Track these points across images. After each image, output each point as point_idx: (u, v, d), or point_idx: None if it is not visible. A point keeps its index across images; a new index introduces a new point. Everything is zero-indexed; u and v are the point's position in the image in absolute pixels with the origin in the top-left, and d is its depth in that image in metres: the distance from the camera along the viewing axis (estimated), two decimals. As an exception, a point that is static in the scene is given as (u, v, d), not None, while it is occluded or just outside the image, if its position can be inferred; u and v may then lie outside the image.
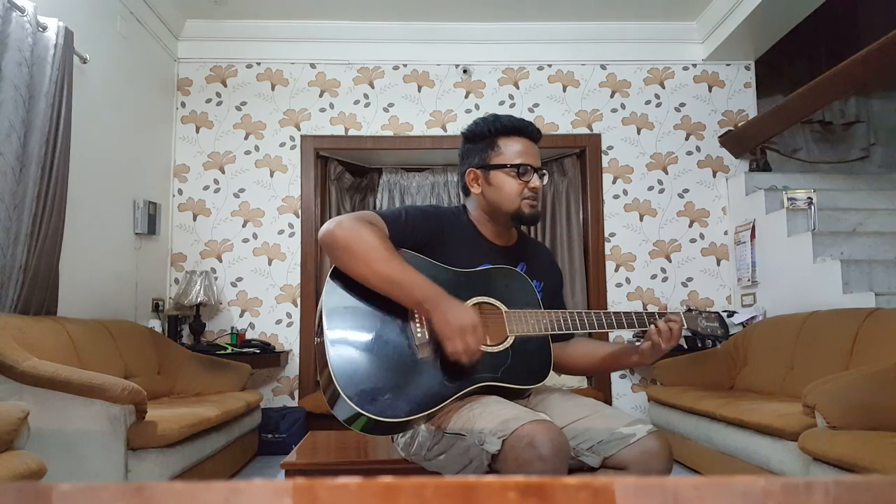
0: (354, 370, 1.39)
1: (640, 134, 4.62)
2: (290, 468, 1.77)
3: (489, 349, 1.50)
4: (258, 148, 4.52)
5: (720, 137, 4.59)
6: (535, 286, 1.66)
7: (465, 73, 4.59)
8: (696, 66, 4.66)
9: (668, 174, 4.59)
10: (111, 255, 3.70)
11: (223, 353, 3.94)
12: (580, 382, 4.39)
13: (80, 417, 2.29)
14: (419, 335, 1.46)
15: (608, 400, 4.36)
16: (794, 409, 2.50)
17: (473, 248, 1.65)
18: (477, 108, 4.59)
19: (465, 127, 1.72)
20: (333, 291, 1.48)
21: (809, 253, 3.63)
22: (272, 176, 4.51)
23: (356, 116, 4.56)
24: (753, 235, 4.21)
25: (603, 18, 4.50)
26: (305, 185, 4.51)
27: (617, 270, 4.52)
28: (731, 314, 4.17)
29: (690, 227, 4.56)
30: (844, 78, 3.53)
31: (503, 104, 4.60)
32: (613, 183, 4.58)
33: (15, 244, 2.71)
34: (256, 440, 3.85)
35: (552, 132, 4.55)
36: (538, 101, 4.62)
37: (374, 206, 5.37)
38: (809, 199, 3.91)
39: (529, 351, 1.56)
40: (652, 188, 4.58)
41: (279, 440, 3.91)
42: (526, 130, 1.66)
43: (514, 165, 1.61)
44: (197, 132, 4.52)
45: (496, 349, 1.51)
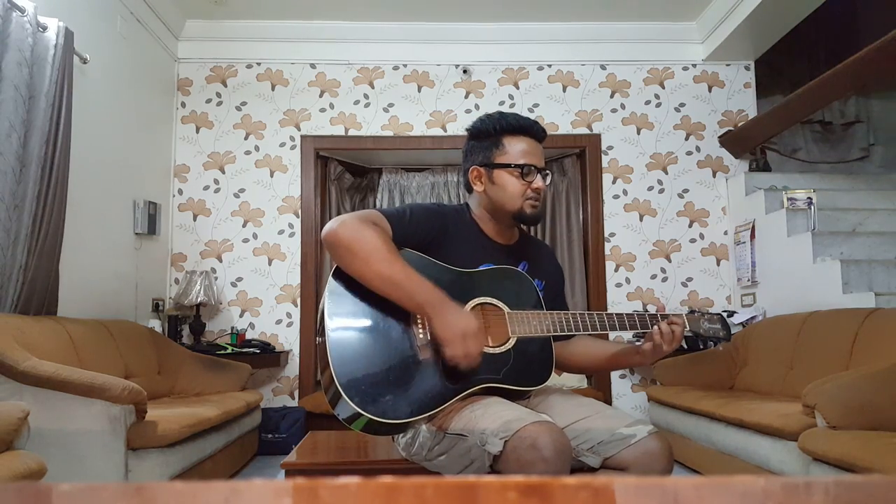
0: (356, 370, 1.39)
1: (639, 134, 4.62)
2: (290, 468, 1.77)
3: (491, 350, 1.50)
4: (258, 148, 4.52)
5: (720, 137, 4.59)
6: (536, 285, 1.66)
7: (465, 73, 4.59)
8: (695, 66, 4.66)
9: (667, 174, 4.59)
10: (111, 255, 3.70)
11: (223, 353, 3.94)
12: (580, 382, 4.39)
13: (80, 417, 2.29)
14: (421, 336, 1.46)
15: (608, 400, 4.36)
16: (794, 409, 2.50)
17: (476, 246, 1.65)
18: (477, 108, 4.59)
19: (470, 123, 1.70)
20: (335, 291, 1.47)
21: (809, 253, 3.63)
22: (272, 176, 4.51)
23: (356, 116, 4.56)
24: (753, 235, 4.20)
25: (603, 18, 4.50)
26: (305, 185, 4.52)
27: (617, 270, 4.52)
28: (731, 314, 4.18)
29: (690, 227, 4.56)
30: (844, 78, 3.52)
31: (503, 104, 4.60)
32: (613, 183, 4.58)
33: (15, 244, 2.71)
34: (256, 440, 3.85)
35: (552, 132, 4.53)
36: (538, 101, 4.62)
37: (374, 206, 5.37)
38: (809, 199, 3.91)
39: (531, 352, 1.56)
40: (652, 188, 4.58)
41: (279, 440, 3.91)
42: (531, 130, 1.65)
43: (518, 165, 1.61)
44: (197, 132, 4.52)
45: (498, 350, 1.51)
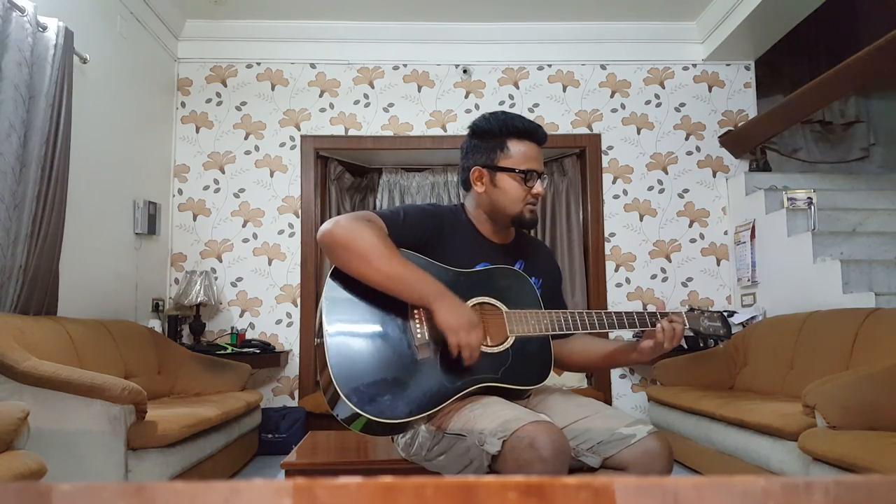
0: (354, 370, 1.39)
1: (640, 134, 4.62)
2: (290, 468, 1.77)
3: (489, 349, 1.50)
4: (258, 148, 4.52)
5: (720, 137, 4.59)
6: (533, 283, 1.66)
7: (465, 73, 4.59)
8: (696, 66, 4.66)
9: (668, 174, 4.59)
10: (111, 255, 3.69)
11: (223, 353, 3.94)
12: (580, 382, 4.39)
13: (80, 417, 2.29)
14: (419, 335, 1.46)
15: (608, 400, 4.36)
16: (794, 409, 2.50)
17: (472, 246, 1.65)
18: (477, 108, 4.59)
19: (473, 121, 1.69)
20: (333, 291, 1.47)
21: (809, 253, 3.63)
22: (272, 176, 4.51)
23: (356, 116, 4.56)
24: (753, 235, 4.20)
25: (603, 18, 4.50)
26: (305, 185, 4.51)
27: (617, 270, 4.52)
28: (731, 314, 4.16)
29: (690, 227, 4.56)
30: (844, 78, 3.52)
31: (503, 104, 4.60)
32: (613, 183, 4.58)
33: (15, 244, 2.71)
34: (256, 440, 3.85)
35: (552, 132, 4.53)
36: (538, 101, 4.62)
37: (374, 206, 5.37)
38: (809, 199, 3.91)
39: (530, 351, 1.56)
40: (652, 188, 4.58)
41: (279, 440, 3.91)
42: (535, 134, 1.64)
43: (521, 171, 1.60)
44: (197, 132, 4.52)
45: (497, 349, 1.51)
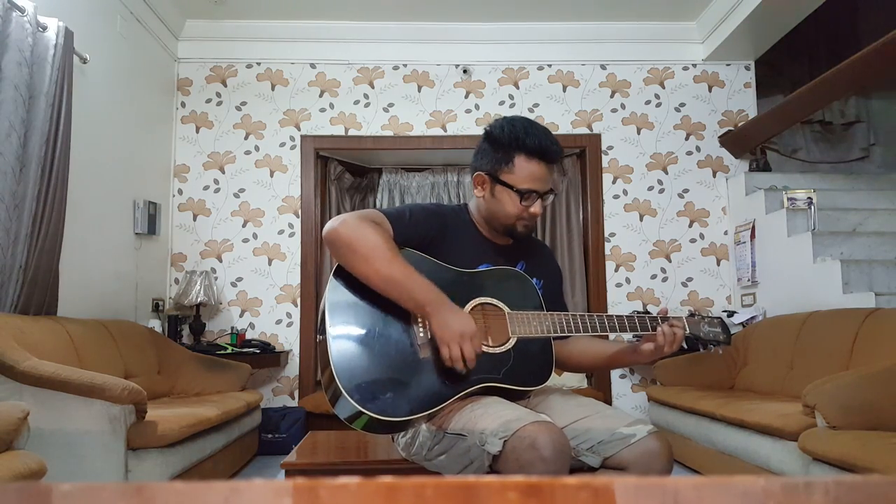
0: (356, 368, 1.39)
1: (640, 134, 4.61)
2: (290, 468, 1.77)
3: (491, 350, 1.50)
4: (258, 148, 4.52)
5: (720, 137, 4.59)
6: (535, 284, 1.66)
7: (465, 73, 4.59)
8: (696, 66, 4.66)
9: (668, 174, 4.58)
10: (111, 255, 3.69)
11: (223, 353, 3.94)
12: (580, 382, 4.39)
13: (80, 417, 2.29)
14: (421, 335, 1.46)
15: (608, 400, 4.36)
16: (794, 409, 2.50)
17: (474, 246, 1.65)
18: (477, 108, 4.59)
19: (492, 122, 1.66)
20: (336, 290, 1.48)
21: (809, 253, 3.62)
22: (272, 176, 4.51)
23: (356, 116, 4.56)
24: (753, 235, 4.20)
25: (603, 18, 4.50)
26: (305, 185, 4.51)
27: (617, 270, 4.52)
28: (731, 314, 4.18)
29: (690, 227, 4.55)
30: (844, 78, 3.52)
31: (503, 104, 4.60)
32: (613, 183, 4.58)
33: (15, 244, 2.71)
34: (256, 440, 3.85)
35: (552, 132, 4.53)
36: (538, 101, 4.62)
37: (373, 206, 5.37)
38: (809, 199, 3.91)
39: (531, 352, 1.56)
40: (652, 188, 4.57)
41: (279, 440, 3.91)
42: (546, 154, 1.60)
43: (519, 190, 1.59)
44: (197, 132, 4.52)
45: (498, 350, 1.51)
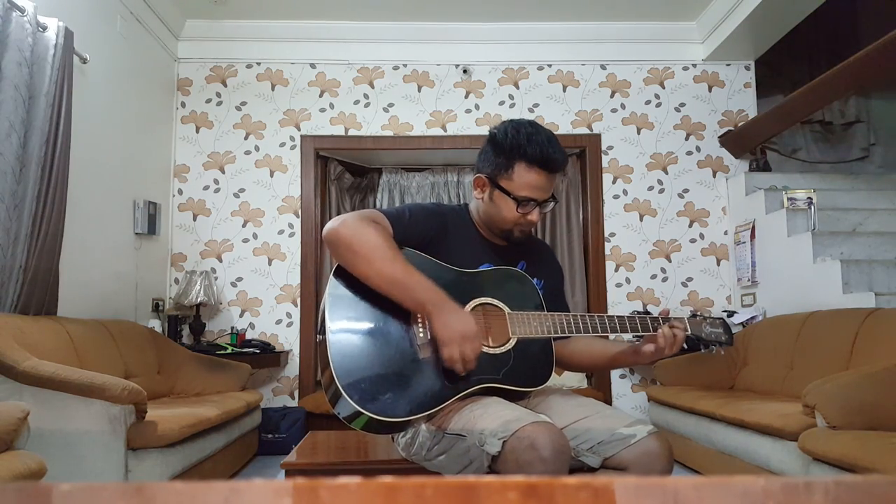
0: (356, 368, 1.39)
1: (640, 134, 4.61)
2: (290, 468, 1.77)
3: (491, 350, 1.50)
4: (258, 148, 4.52)
5: (720, 137, 4.59)
6: (535, 284, 1.66)
7: (465, 73, 4.59)
8: (695, 66, 4.66)
9: (668, 174, 4.59)
10: (111, 255, 3.69)
11: (223, 353, 3.94)
12: (580, 382, 4.39)
13: (80, 417, 2.29)
14: (421, 335, 1.46)
15: (608, 400, 4.36)
16: (794, 409, 2.50)
17: (475, 246, 1.65)
18: (477, 108, 4.59)
19: (497, 125, 1.64)
20: (336, 290, 1.48)
21: (809, 253, 3.63)
22: (272, 176, 4.51)
23: (356, 116, 4.56)
24: (753, 235, 4.20)
25: (603, 18, 4.50)
26: (305, 185, 4.51)
27: (617, 270, 4.52)
28: (731, 314, 4.18)
29: (690, 227, 4.56)
30: (844, 78, 3.52)
31: (503, 104, 4.60)
32: (613, 183, 4.58)
33: (15, 244, 2.71)
34: (256, 440, 3.85)
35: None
36: (538, 101, 4.62)
37: (373, 206, 5.36)
38: (809, 199, 3.91)
39: (532, 353, 1.56)
40: (652, 188, 4.57)
41: (279, 440, 3.91)
42: (548, 164, 1.57)
43: (516, 198, 1.57)
44: (197, 132, 4.52)
45: (498, 350, 1.51)
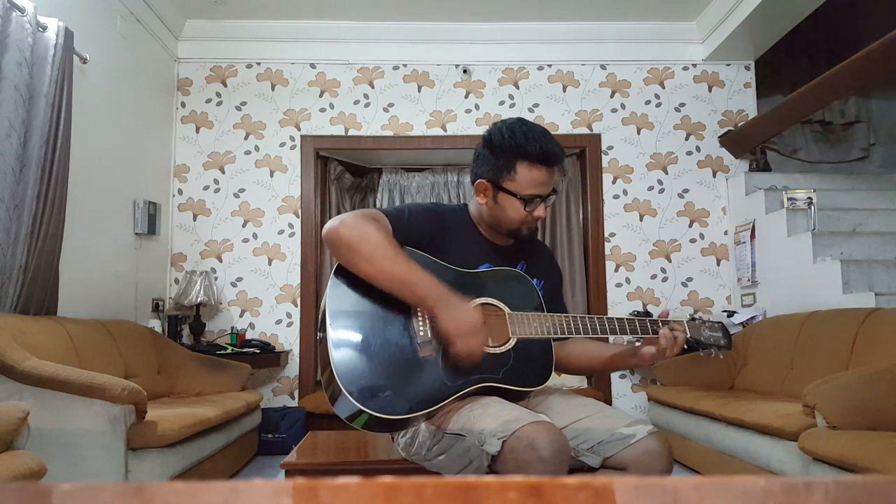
0: (356, 367, 1.39)
1: (640, 134, 4.61)
2: (290, 468, 1.77)
3: (491, 350, 1.50)
4: (258, 148, 4.52)
5: (720, 137, 4.59)
6: (535, 285, 1.66)
7: (465, 73, 4.58)
8: (695, 66, 4.66)
9: (668, 174, 4.59)
10: (111, 255, 3.69)
11: (223, 353, 3.94)
12: (580, 382, 4.39)
13: (80, 417, 2.29)
14: (422, 333, 1.46)
15: (608, 400, 4.35)
16: (794, 409, 2.50)
17: (475, 247, 1.65)
18: (477, 108, 4.59)
19: (490, 128, 1.64)
20: (337, 288, 1.47)
21: (809, 253, 3.63)
22: (272, 176, 4.51)
23: (356, 116, 4.56)
24: (753, 235, 4.20)
25: (603, 18, 4.50)
26: (305, 185, 4.51)
27: (617, 270, 4.52)
28: (731, 314, 4.18)
29: (690, 227, 4.56)
30: (844, 78, 3.52)
31: (503, 104, 4.60)
32: (613, 183, 4.58)
33: (15, 244, 2.71)
34: (256, 440, 3.85)
35: (552, 132, 4.51)
36: (538, 101, 4.62)
37: (373, 206, 5.37)
38: (809, 199, 3.91)
39: (531, 353, 1.56)
40: (652, 188, 4.57)
41: (279, 440, 3.91)
42: (549, 159, 1.58)
43: (523, 197, 1.57)
44: (197, 132, 4.52)
45: (498, 350, 1.51)
